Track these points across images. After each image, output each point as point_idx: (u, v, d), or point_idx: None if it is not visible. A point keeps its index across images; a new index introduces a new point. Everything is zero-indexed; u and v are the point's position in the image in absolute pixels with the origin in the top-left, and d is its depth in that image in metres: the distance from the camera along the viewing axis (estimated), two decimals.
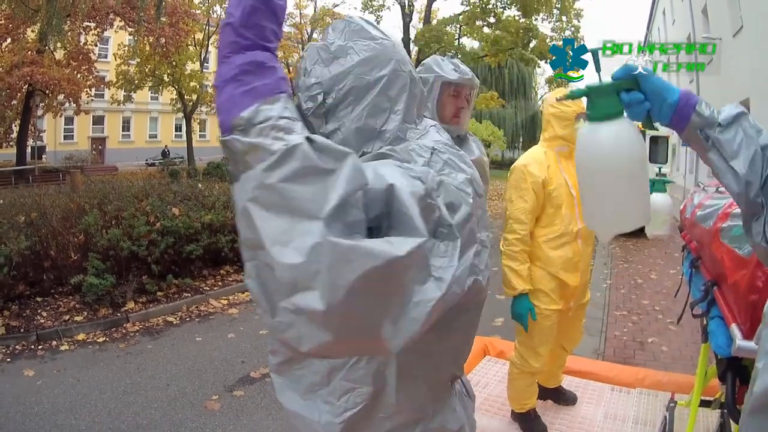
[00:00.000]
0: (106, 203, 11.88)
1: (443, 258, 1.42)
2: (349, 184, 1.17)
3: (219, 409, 7.01)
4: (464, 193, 1.66)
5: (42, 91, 37.10)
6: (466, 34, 44.16)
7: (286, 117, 1.42)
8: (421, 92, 2.04)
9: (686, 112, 1.88)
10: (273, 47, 1.56)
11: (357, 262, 1.11)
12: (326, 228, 1.12)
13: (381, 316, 1.21)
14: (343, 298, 1.12)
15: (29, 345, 9.20)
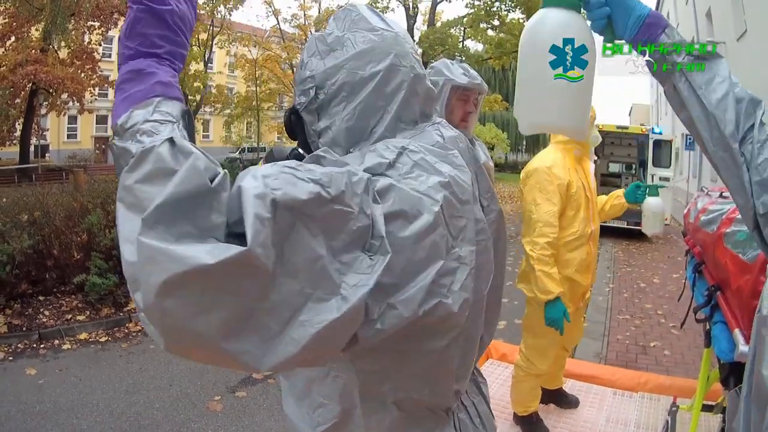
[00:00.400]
0: (110, 203, 11.79)
1: (362, 275, 1.29)
2: (180, 185, 1.08)
3: (221, 409, 7.02)
4: (429, 200, 1.48)
5: (46, 89, 37.09)
6: (470, 36, 44.06)
7: (151, 120, 1.42)
8: (426, 90, 1.90)
9: (655, 31, 1.87)
10: (161, 51, 1.57)
11: (163, 265, 1.03)
12: (142, 227, 1.04)
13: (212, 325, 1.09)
14: (153, 300, 1.05)
15: (31, 344, 9.23)
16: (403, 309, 1.38)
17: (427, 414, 1.85)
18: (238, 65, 51.50)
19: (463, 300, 1.54)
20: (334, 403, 1.84)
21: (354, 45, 1.82)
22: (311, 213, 1.21)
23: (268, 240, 1.10)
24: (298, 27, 49.81)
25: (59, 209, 11.37)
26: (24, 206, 11.36)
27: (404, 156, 1.57)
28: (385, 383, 1.72)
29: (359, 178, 1.37)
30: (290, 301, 1.17)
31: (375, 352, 1.60)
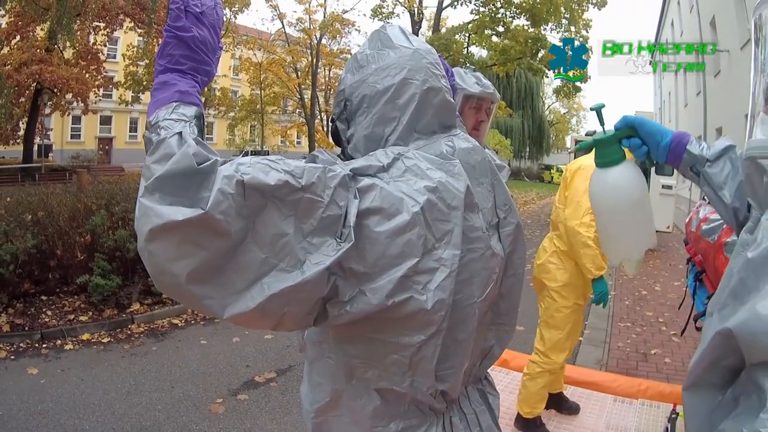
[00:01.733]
0: (114, 204, 11.90)
1: (325, 256, 1.55)
2: (173, 165, 1.44)
3: (223, 412, 7.03)
4: (411, 201, 1.68)
5: (50, 89, 37.23)
6: (474, 42, 44.04)
7: (169, 119, 1.64)
8: (442, 102, 2.01)
9: (679, 151, 2.12)
10: (185, 68, 1.82)
11: (150, 218, 1.40)
12: (144, 192, 1.44)
13: (184, 269, 1.43)
14: (143, 244, 1.44)
15: (33, 343, 9.23)
16: (372, 296, 1.63)
17: (411, 409, 1.95)
18: (242, 68, 51.72)
19: (438, 299, 1.72)
20: (326, 383, 2.00)
21: (376, 61, 2.02)
22: (281, 197, 1.51)
23: (230, 210, 1.43)
24: (303, 31, 49.98)
25: (63, 209, 11.39)
26: (28, 206, 11.43)
27: (399, 161, 1.78)
28: (369, 370, 1.88)
29: (335, 174, 1.61)
30: (256, 267, 1.49)
31: (357, 339, 1.85)
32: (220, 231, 1.43)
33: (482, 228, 1.91)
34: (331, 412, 2.02)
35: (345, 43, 57.05)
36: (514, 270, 2.18)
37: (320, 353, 2.00)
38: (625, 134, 2.19)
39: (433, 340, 1.79)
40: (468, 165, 1.95)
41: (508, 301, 2.20)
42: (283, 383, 8.00)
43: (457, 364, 1.93)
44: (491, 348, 2.20)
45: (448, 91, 2.06)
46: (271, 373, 8.33)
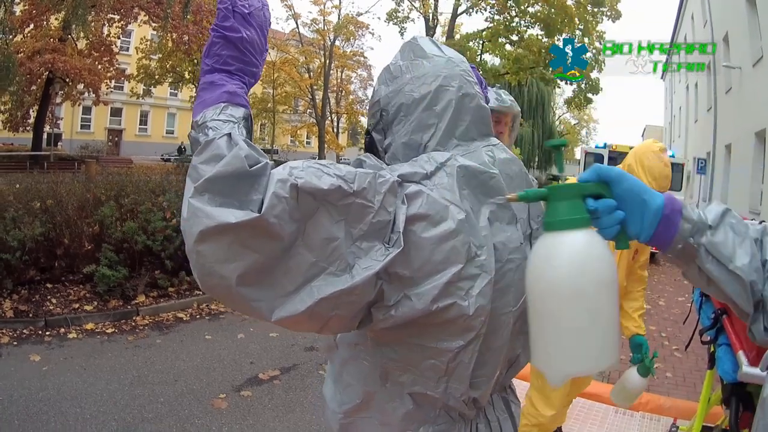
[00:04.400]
0: (123, 196, 11.92)
1: (374, 261, 1.55)
2: (224, 166, 1.42)
3: (226, 407, 7.04)
4: (456, 209, 1.69)
5: (62, 79, 37.27)
6: (488, 50, 44.10)
7: (218, 120, 1.69)
8: (477, 108, 2.04)
9: (674, 218, 1.60)
10: (232, 68, 1.86)
11: (201, 219, 1.38)
12: (193, 193, 1.41)
13: (233, 272, 1.42)
14: (192, 246, 1.41)
15: (36, 330, 9.24)
16: (417, 301, 1.64)
17: (441, 414, 1.96)
18: None
19: (480, 305, 1.72)
20: (359, 385, 2.00)
21: (410, 71, 2.04)
22: (333, 202, 1.50)
23: (284, 214, 1.42)
24: (317, 32, 50.04)
25: (72, 199, 11.43)
26: (37, 194, 11.42)
27: (441, 170, 1.77)
28: (404, 374, 1.88)
29: (384, 180, 1.61)
30: (305, 270, 1.48)
31: (396, 343, 1.84)
32: (273, 234, 1.42)
33: (520, 239, 1.94)
34: (360, 414, 2.03)
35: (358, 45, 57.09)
36: None
37: (354, 355, 2.00)
38: (594, 190, 1.62)
39: (471, 346, 1.81)
40: (507, 176, 1.97)
41: None
42: (287, 381, 8.00)
43: (489, 372, 1.96)
44: (518, 357, 2.18)
45: (482, 98, 2.10)
46: (275, 370, 8.32)
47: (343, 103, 64.06)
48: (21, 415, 6.44)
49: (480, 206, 1.83)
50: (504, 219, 1.90)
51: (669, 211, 1.59)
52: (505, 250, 1.86)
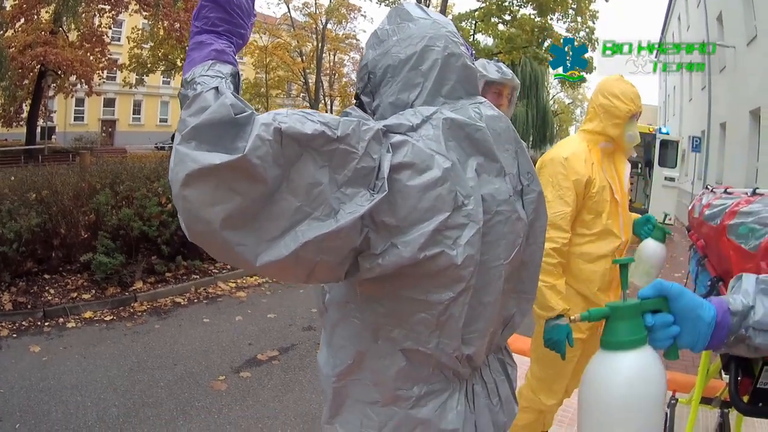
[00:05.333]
0: (118, 183, 11.93)
1: (359, 206, 1.57)
2: (210, 114, 1.45)
3: (225, 389, 7.07)
4: (441, 158, 1.73)
5: (54, 71, 37.21)
6: (481, 30, 44.19)
7: (206, 75, 1.69)
8: (463, 67, 2.07)
9: (725, 321, 1.66)
10: (220, 29, 1.90)
11: (186, 164, 1.41)
12: (180, 140, 1.46)
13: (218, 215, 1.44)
14: (178, 190, 1.44)
15: (36, 321, 9.24)
16: (404, 249, 1.66)
17: (435, 373, 1.97)
18: (247, 52, 51.56)
19: (468, 255, 1.76)
20: (350, 345, 2.00)
21: (397, 34, 2.08)
22: (317, 147, 1.53)
23: (268, 157, 1.45)
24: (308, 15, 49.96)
25: (67, 188, 11.41)
26: (32, 185, 11.41)
27: (427, 123, 1.81)
28: (395, 329, 1.90)
29: (369, 128, 1.64)
30: (290, 215, 1.50)
31: (386, 297, 1.86)
32: (257, 176, 1.44)
33: (509, 192, 1.97)
34: (353, 376, 2.03)
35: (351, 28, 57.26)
36: (536, 238, 2.21)
37: (345, 314, 2.01)
38: (652, 307, 1.69)
39: (461, 298, 1.82)
40: (494, 132, 2.00)
41: (530, 269, 2.23)
42: (285, 361, 8.05)
43: (482, 327, 1.97)
44: (513, 316, 2.22)
45: (468, 58, 2.12)
46: (274, 351, 8.37)
47: (337, 87, 63.81)
48: (22, 407, 6.47)
49: (467, 158, 1.86)
50: (492, 172, 1.93)
51: (720, 318, 1.66)
52: (493, 202, 1.89)
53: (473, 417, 2.07)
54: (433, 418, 1.97)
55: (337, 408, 2.11)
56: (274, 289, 11.97)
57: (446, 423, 1.98)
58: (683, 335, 1.68)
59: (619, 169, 4.61)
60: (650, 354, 1.66)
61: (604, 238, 4.35)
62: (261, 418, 6.47)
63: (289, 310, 10.41)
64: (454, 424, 1.99)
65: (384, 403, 2.00)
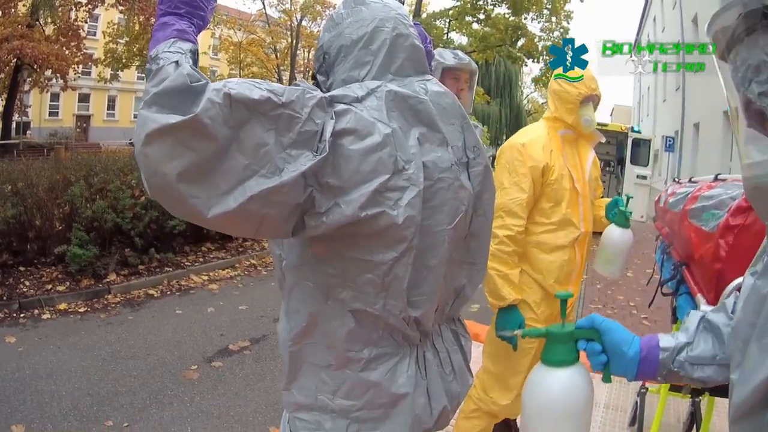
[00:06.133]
0: (92, 176, 11.96)
1: (300, 165, 1.70)
2: (169, 83, 1.59)
3: (197, 378, 7.15)
4: (382, 125, 1.86)
5: (30, 65, 36.94)
6: (455, 29, 44.25)
7: (167, 51, 1.77)
8: (411, 47, 2.19)
9: (652, 356, 1.86)
10: (182, 11, 1.97)
11: (147, 125, 1.55)
12: (143, 106, 1.60)
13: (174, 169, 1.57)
14: (140, 149, 1.58)
15: (11, 313, 9.27)
16: (346, 208, 1.77)
17: (385, 336, 2.06)
18: (222, 48, 51.37)
19: (408, 215, 1.87)
20: (304, 308, 2.09)
21: (350, 16, 2.21)
22: (264, 112, 1.66)
23: (218, 118, 1.59)
24: (283, 12, 49.70)
25: (42, 180, 11.41)
26: (8, 177, 11.42)
27: (372, 95, 1.94)
28: (344, 290, 1.99)
29: (312, 96, 1.77)
30: (239, 171, 1.64)
31: (334, 258, 1.96)
32: (208, 135, 1.58)
33: (451, 161, 2.07)
34: (307, 339, 2.10)
35: None
36: (484, 210, 2.31)
37: (299, 278, 2.08)
38: (585, 336, 1.92)
39: (404, 259, 1.92)
40: (439, 106, 2.11)
41: (479, 240, 2.33)
42: (257, 351, 8.13)
43: (428, 290, 2.06)
44: (463, 287, 2.32)
45: (417, 38, 2.25)
46: (245, 341, 8.47)
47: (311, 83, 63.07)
48: None
49: (409, 128, 1.97)
50: (434, 141, 2.04)
51: (646, 354, 1.86)
52: (435, 169, 1.99)
53: (425, 383, 2.14)
54: (383, 382, 2.05)
55: (294, 373, 2.20)
56: (246, 282, 12.05)
57: (397, 387, 2.06)
58: (612, 365, 1.90)
59: (582, 158, 4.47)
60: (580, 372, 1.90)
61: (563, 227, 4.26)
62: (232, 406, 6.55)
63: (261, 302, 10.49)
64: (405, 388, 2.06)
65: (337, 367, 2.07)
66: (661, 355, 1.84)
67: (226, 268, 12.63)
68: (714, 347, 1.80)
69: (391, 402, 2.07)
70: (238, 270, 12.74)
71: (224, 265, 12.78)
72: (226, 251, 13.60)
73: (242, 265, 13.17)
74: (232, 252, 13.69)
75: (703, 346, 1.82)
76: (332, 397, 2.09)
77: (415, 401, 2.09)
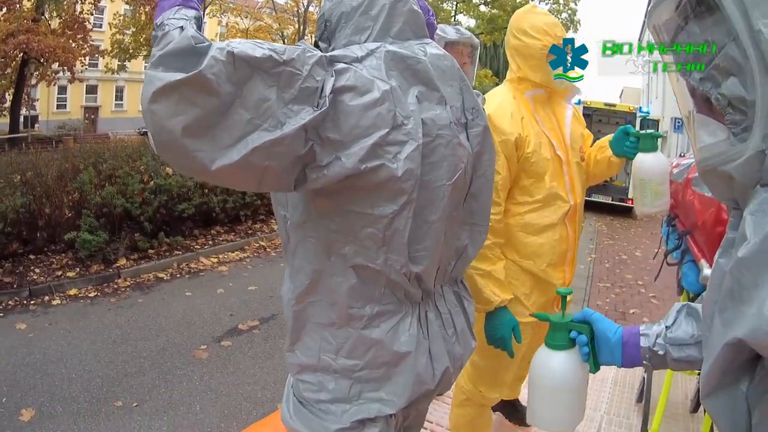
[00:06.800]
0: (101, 162, 12.05)
1: (299, 119, 1.73)
2: (174, 44, 1.63)
3: (207, 357, 7.21)
4: (381, 82, 1.88)
5: (36, 59, 36.94)
6: (462, 11, 44.24)
7: (172, 18, 1.79)
8: (410, 11, 2.20)
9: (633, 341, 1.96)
10: None
11: (153, 83, 1.60)
12: (149, 66, 1.64)
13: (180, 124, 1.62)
14: (147, 106, 1.62)
15: (21, 300, 9.34)
16: (346, 161, 1.81)
17: (387, 293, 2.07)
18: (228, 35, 51.31)
19: (407, 168, 1.89)
20: (307, 265, 2.10)
21: None
22: (266, 70, 1.69)
23: (221, 74, 1.62)
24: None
25: (51, 169, 11.50)
26: (17, 167, 11.50)
27: (371, 56, 1.97)
28: (346, 245, 2.01)
29: (313, 54, 1.79)
30: (242, 126, 1.68)
31: (336, 213, 1.98)
32: (212, 90, 1.61)
33: (449, 119, 2.08)
34: (310, 297, 2.12)
35: None
36: (483, 171, 2.33)
37: (302, 235, 2.10)
38: (577, 328, 2.10)
39: (404, 212, 1.94)
40: (438, 68, 2.13)
41: (480, 201, 2.35)
42: (266, 330, 8.20)
43: (429, 246, 2.07)
44: (465, 248, 2.34)
45: (416, 4, 2.26)
46: (255, 321, 8.53)
47: None
48: (9, 382, 6.58)
49: (408, 87, 1.99)
50: (433, 100, 2.06)
51: (627, 339, 1.97)
52: (434, 126, 2.01)
53: (427, 343, 2.16)
54: (385, 339, 2.06)
55: (297, 333, 2.20)
56: (256, 263, 12.08)
57: (399, 345, 2.07)
58: (600, 352, 2.05)
59: (560, 118, 3.79)
60: (574, 355, 2.11)
61: (550, 204, 3.62)
62: (241, 384, 6.61)
63: (270, 282, 10.50)
64: (407, 347, 2.08)
65: (340, 325, 2.08)
66: (642, 341, 1.93)
67: (235, 251, 12.66)
68: (694, 328, 1.85)
69: (393, 361, 2.08)
70: (247, 252, 12.76)
71: (233, 247, 12.81)
72: (236, 234, 13.62)
73: (251, 247, 13.19)
74: (241, 234, 13.69)
75: (684, 327, 1.87)
76: (335, 357, 2.10)
77: (417, 360, 2.10)
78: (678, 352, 1.85)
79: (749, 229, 1.30)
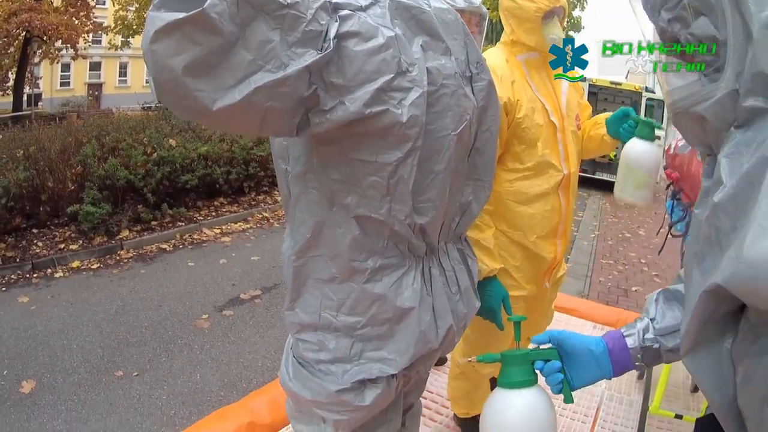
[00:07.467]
0: (104, 135, 12.07)
1: (303, 61, 1.67)
2: None
3: (208, 327, 7.25)
4: (386, 29, 1.83)
5: (39, 37, 36.90)
6: None
7: None
8: None
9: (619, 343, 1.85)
10: None
11: (155, 22, 1.50)
12: (152, 8, 1.54)
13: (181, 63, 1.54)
14: (147, 46, 1.53)
15: (24, 274, 9.39)
16: (350, 105, 1.75)
17: (390, 246, 2.04)
18: None
19: (412, 114, 1.84)
20: (309, 218, 2.05)
21: None
22: (269, 12, 1.61)
23: (225, 14, 1.53)
24: None
25: (54, 144, 11.52)
26: (20, 142, 11.56)
27: (375, 5, 1.90)
28: (348, 195, 1.96)
29: None
30: (244, 66, 1.60)
31: (339, 161, 1.93)
32: (215, 29, 1.53)
33: (454, 69, 2.05)
34: (311, 252, 2.08)
35: None
36: (488, 126, 2.30)
37: (304, 187, 2.06)
38: (542, 356, 1.91)
39: (409, 160, 1.90)
40: (442, 21, 2.09)
41: (484, 156, 2.33)
42: (268, 300, 8.24)
43: (434, 197, 2.04)
44: (470, 203, 2.32)
45: None
46: (257, 290, 8.56)
47: None
48: (10, 354, 6.64)
49: (413, 36, 1.96)
50: (438, 50, 2.02)
51: (612, 345, 1.85)
52: (439, 75, 1.97)
53: (430, 300, 2.11)
54: (388, 294, 2.02)
55: (297, 290, 2.16)
56: (258, 234, 12.12)
57: (402, 300, 2.03)
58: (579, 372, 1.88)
59: (555, 84, 3.66)
60: (538, 393, 1.89)
61: (542, 172, 3.52)
62: (242, 353, 6.64)
63: (273, 253, 10.55)
64: (410, 302, 2.04)
65: (341, 279, 2.05)
66: (629, 341, 1.84)
67: (238, 222, 12.68)
68: (680, 313, 1.79)
69: (396, 317, 2.04)
70: (250, 223, 12.77)
71: (236, 218, 12.80)
72: (239, 205, 13.59)
73: (254, 218, 13.19)
74: (244, 206, 13.66)
75: (669, 314, 1.82)
76: (336, 314, 2.07)
77: (421, 317, 2.06)
78: (671, 341, 1.80)
79: (724, 173, 1.30)
